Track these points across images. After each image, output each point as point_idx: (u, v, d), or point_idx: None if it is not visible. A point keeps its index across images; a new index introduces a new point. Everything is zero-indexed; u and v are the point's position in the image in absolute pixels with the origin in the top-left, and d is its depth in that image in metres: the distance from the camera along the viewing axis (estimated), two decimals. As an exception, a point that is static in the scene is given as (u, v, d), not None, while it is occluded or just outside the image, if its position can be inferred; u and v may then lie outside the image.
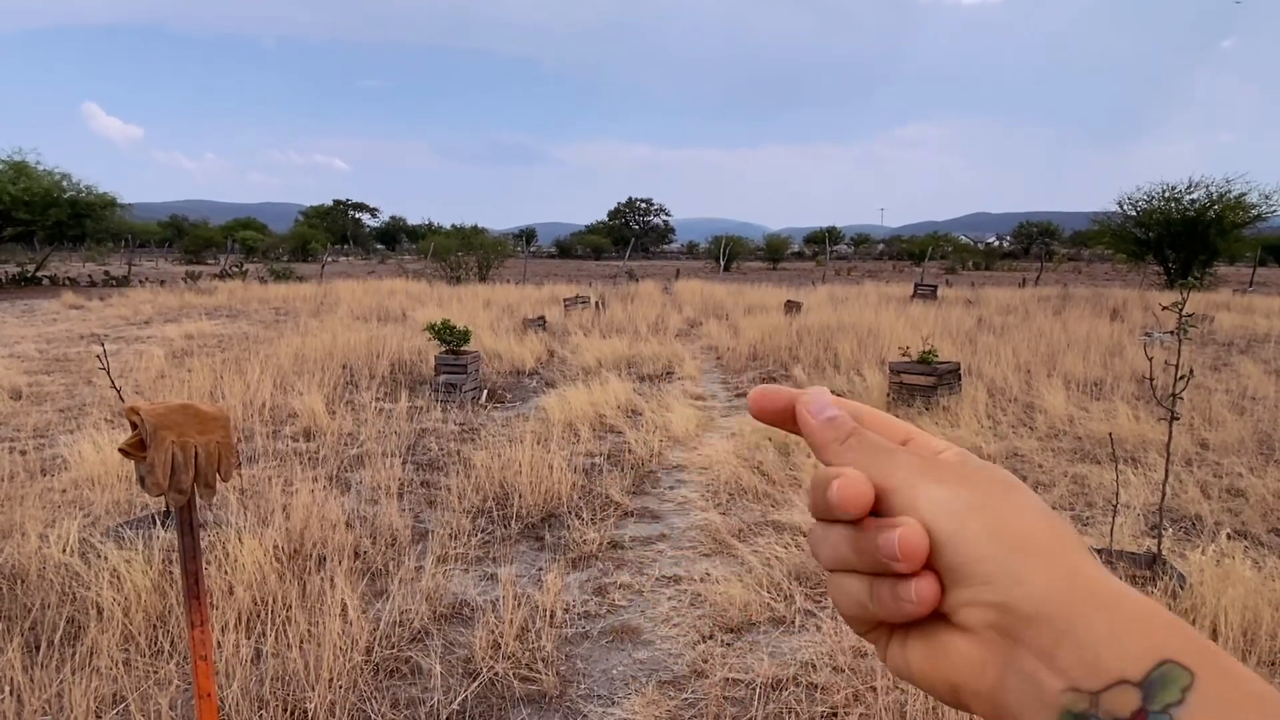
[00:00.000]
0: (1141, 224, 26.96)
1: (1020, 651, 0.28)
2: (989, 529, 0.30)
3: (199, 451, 1.19)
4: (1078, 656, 0.27)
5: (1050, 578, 0.29)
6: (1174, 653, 0.26)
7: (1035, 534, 0.30)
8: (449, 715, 2.58)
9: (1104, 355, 9.22)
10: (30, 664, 2.69)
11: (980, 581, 0.29)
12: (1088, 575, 0.29)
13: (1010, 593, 0.29)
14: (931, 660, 0.32)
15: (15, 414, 6.65)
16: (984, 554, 0.30)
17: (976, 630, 0.30)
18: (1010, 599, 0.29)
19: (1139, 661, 0.26)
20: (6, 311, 15.89)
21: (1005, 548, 0.30)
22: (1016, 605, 0.29)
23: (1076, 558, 0.30)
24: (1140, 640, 0.26)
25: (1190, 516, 4.39)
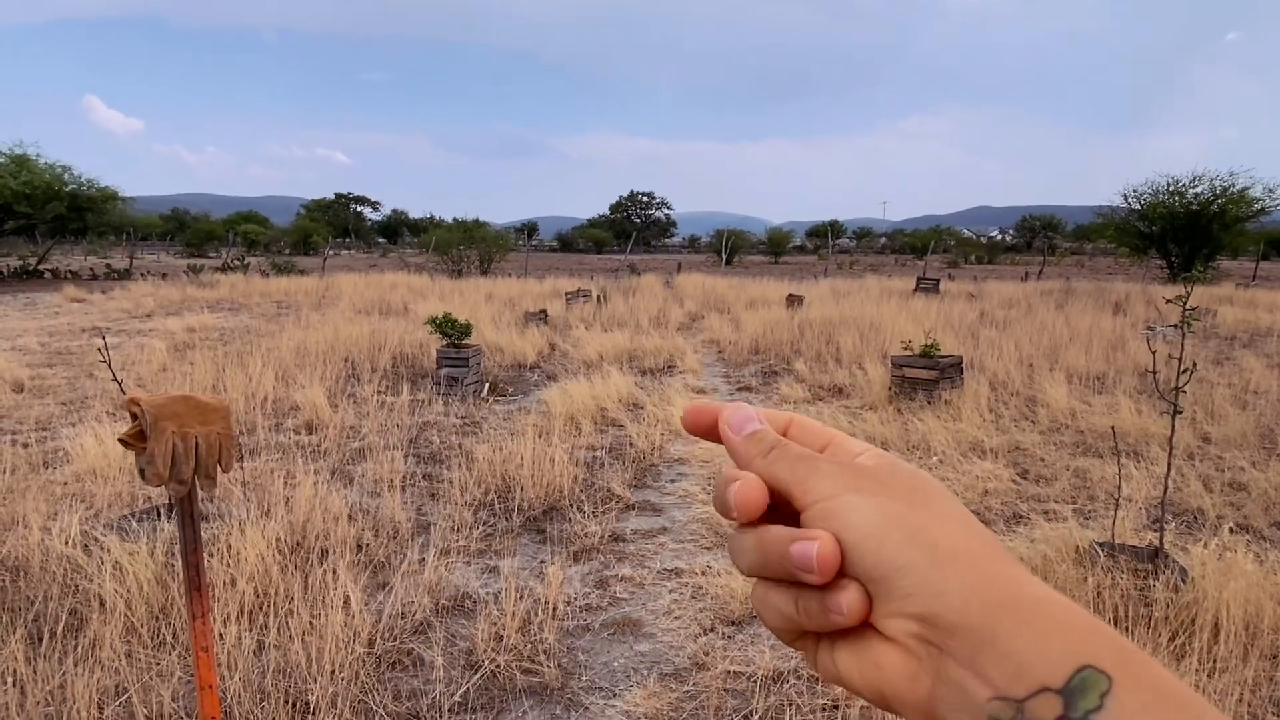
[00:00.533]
0: (1145, 218, 26.90)
1: (947, 661, 0.28)
2: (909, 538, 0.30)
3: (199, 442, 1.19)
4: (1001, 665, 0.27)
5: (971, 587, 0.29)
6: (1093, 657, 0.26)
7: (955, 542, 0.30)
8: (451, 707, 2.58)
9: (1106, 349, 9.20)
10: (33, 655, 2.70)
11: (902, 594, 0.29)
12: (1008, 582, 0.29)
13: (931, 604, 0.29)
14: (862, 670, 0.31)
15: (18, 407, 6.66)
16: (905, 565, 0.30)
17: (903, 641, 0.30)
18: (932, 610, 0.29)
19: (1059, 668, 0.26)
20: (8, 305, 15.91)
21: (926, 558, 0.29)
22: (939, 616, 0.28)
23: (997, 564, 0.30)
24: (1060, 646, 0.26)
25: (1192, 510, 4.38)
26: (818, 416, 6.45)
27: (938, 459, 5.27)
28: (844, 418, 6.35)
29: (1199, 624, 2.86)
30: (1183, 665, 2.68)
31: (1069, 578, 3.19)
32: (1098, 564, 3.21)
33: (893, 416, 6.37)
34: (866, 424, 6.08)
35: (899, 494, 0.32)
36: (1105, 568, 3.17)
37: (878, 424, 6.07)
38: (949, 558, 0.29)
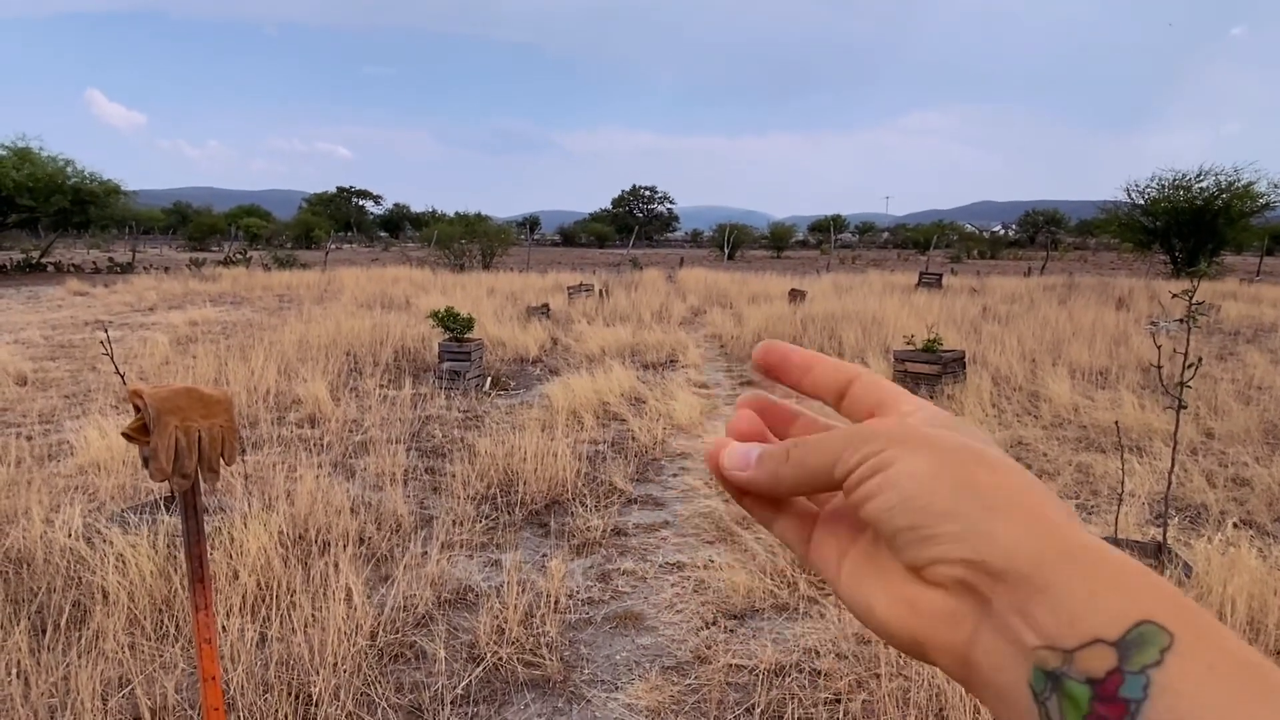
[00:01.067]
0: (1149, 213, 26.82)
1: (993, 608, 0.27)
2: (958, 485, 0.29)
3: (202, 435, 1.19)
4: (1053, 614, 0.26)
5: (1024, 534, 0.27)
6: (1153, 613, 0.25)
7: (1008, 490, 0.29)
8: (453, 700, 2.59)
9: (1109, 344, 9.18)
10: (37, 647, 2.70)
11: (950, 538, 0.28)
12: (1064, 531, 0.28)
13: (980, 548, 0.28)
14: (897, 610, 0.30)
15: (21, 400, 6.67)
16: (953, 510, 0.29)
17: (947, 585, 0.29)
18: (980, 555, 0.28)
19: (1117, 621, 0.25)
20: (11, 298, 15.92)
21: (975, 503, 0.28)
22: (987, 561, 0.27)
23: (1053, 514, 0.28)
24: (1119, 599, 0.25)
25: (1196, 505, 4.37)
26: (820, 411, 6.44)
27: (940, 454, 5.26)
28: (846, 412, 6.34)
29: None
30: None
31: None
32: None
33: (895, 411, 6.36)
34: (869, 419, 6.08)
35: (948, 447, 0.31)
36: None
37: (880, 419, 6.06)
38: (1001, 503, 0.28)
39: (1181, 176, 25.94)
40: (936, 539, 0.29)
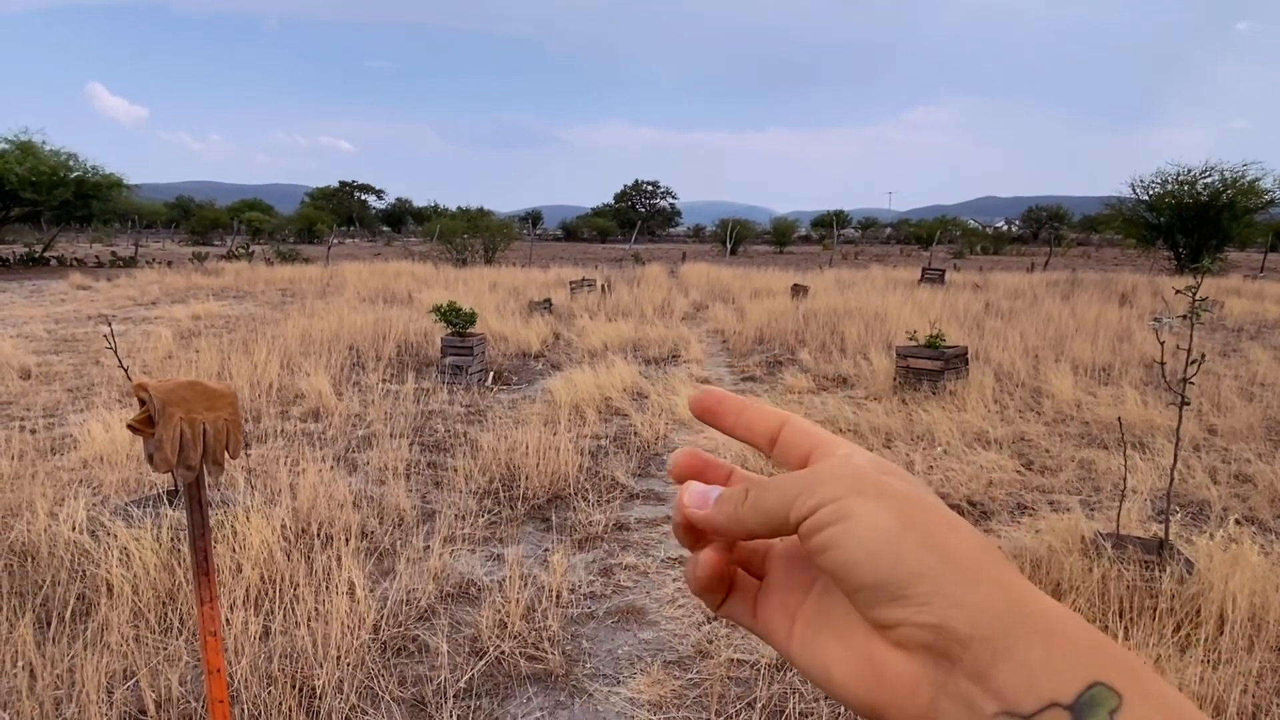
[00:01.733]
0: (1153, 208, 26.75)
1: (955, 674, 0.28)
2: (923, 544, 0.29)
3: (207, 428, 1.19)
4: (1012, 679, 0.26)
5: (986, 598, 0.28)
6: (1103, 674, 0.25)
7: (967, 551, 0.29)
8: (456, 693, 2.60)
9: (1112, 340, 9.17)
10: (42, 640, 2.72)
11: (919, 601, 0.28)
12: (1021, 595, 0.28)
13: (948, 614, 0.28)
14: (857, 672, 0.31)
15: (24, 393, 6.68)
16: (922, 571, 0.29)
17: (910, 649, 0.29)
18: (948, 621, 0.28)
19: (1070, 684, 0.25)
20: (14, 292, 15.95)
21: (942, 565, 0.29)
22: (954, 628, 0.28)
23: (1008, 576, 0.29)
24: (1072, 661, 0.26)
25: (1198, 502, 4.37)
26: (822, 407, 6.47)
27: (942, 449, 5.26)
28: (848, 408, 6.34)
29: (1204, 615, 2.86)
30: (1186, 656, 2.68)
31: (1075, 569, 3.19)
32: (1104, 555, 3.20)
33: (897, 407, 6.36)
34: (871, 414, 6.08)
35: (900, 496, 0.31)
36: (1111, 559, 3.17)
37: (882, 414, 6.06)
38: (968, 567, 0.29)
39: (1186, 172, 25.87)
40: (905, 600, 0.29)
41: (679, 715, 2.53)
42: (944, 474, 4.78)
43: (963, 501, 4.38)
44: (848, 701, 0.31)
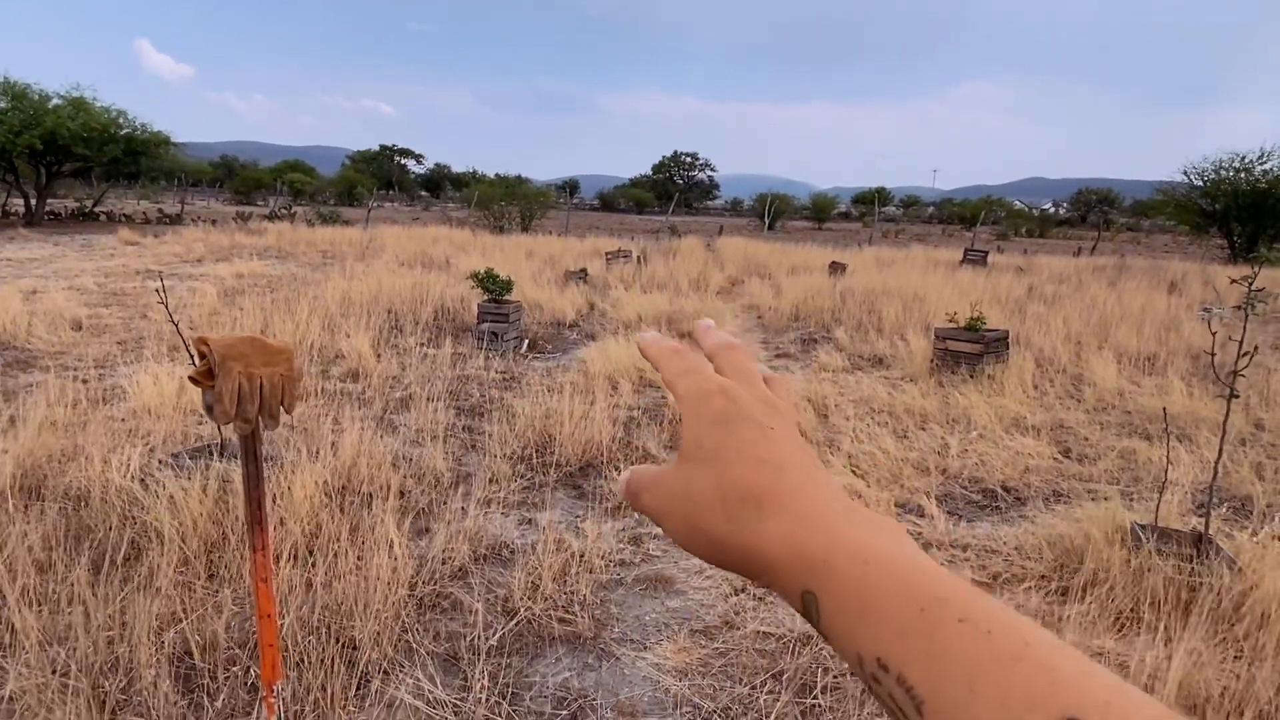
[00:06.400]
0: (1208, 195, 25.90)
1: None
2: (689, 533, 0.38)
3: (264, 383, 1.23)
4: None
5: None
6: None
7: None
8: (488, 650, 2.66)
9: (1159, 330, 8.95)
10: (95, 581, 2.83)
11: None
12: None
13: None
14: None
15: (76, 344, 6.89)
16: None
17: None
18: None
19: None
20: (66, 245, 16.37)
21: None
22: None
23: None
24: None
25: (1240, 497, 4.29)
26: (856, 386, 6.42)
27: (978, 433, 5.21)
28: (883, 388, 6.29)
29: (1243, 611, 2.82)
30: (1223, 652, 2.65)
31: (1113, 559, 3.15)
32: (1144, 546, 3.16)
33: (933, 389, 6.29)
34: (906, 395, 6.02)
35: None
36: (1151, 550, 3.13)
37: (918, 395, 6.01)
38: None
39: (1242, 158, 24.95)
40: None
41: (704, 683, 2.57)
42: (979, 458, 4.74)
43: (997, 486, 4.34)
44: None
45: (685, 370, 0.40)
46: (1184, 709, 2.38)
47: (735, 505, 0.34)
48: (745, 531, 0.34)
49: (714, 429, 0.37)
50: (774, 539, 0.33)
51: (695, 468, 0.36)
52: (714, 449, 0.36)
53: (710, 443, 0.36)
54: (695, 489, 0.36)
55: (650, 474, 0.39)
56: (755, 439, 0.36)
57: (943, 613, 0.28)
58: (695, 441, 0.37)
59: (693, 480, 0.36)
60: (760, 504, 0.34)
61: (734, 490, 0.35)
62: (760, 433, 0.36)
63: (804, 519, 0.33)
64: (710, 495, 0.35)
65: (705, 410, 0.38)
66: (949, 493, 4.27)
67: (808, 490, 0.34)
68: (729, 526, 0.34)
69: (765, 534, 0.33)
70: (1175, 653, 2.50)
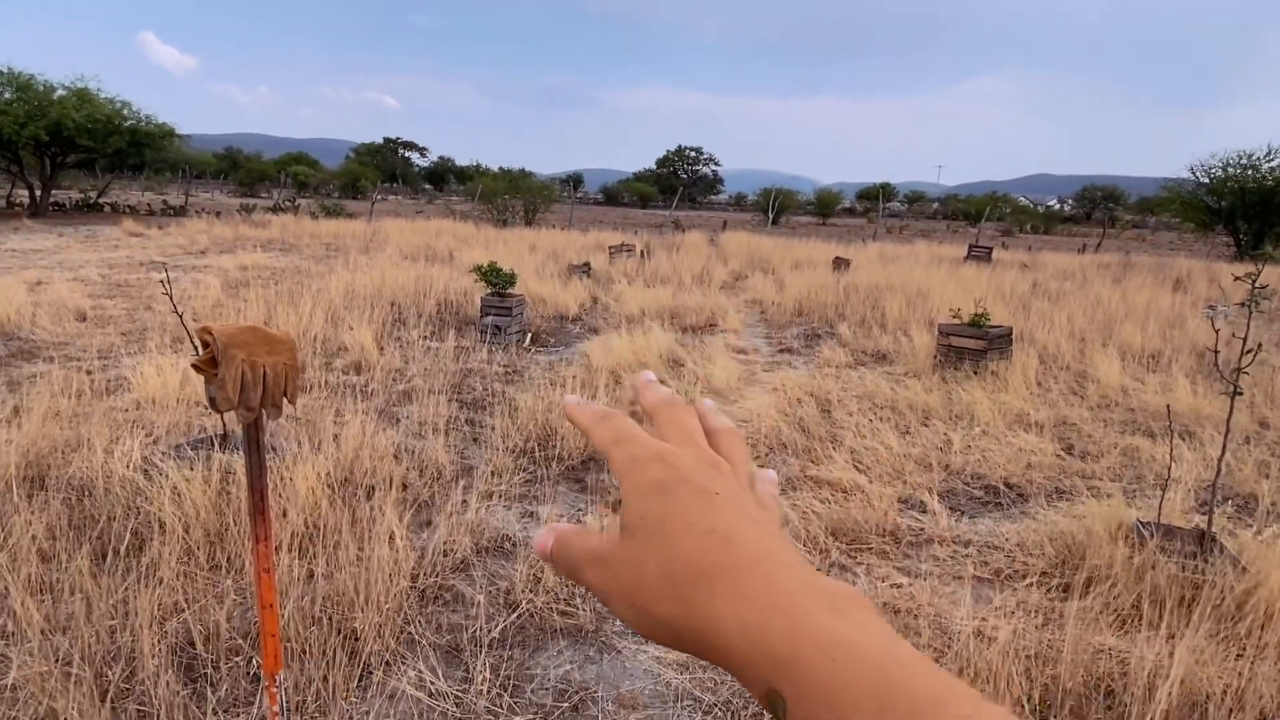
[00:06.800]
0: (1214, 192, 25.80)
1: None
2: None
3: (267, 372, 1.23)
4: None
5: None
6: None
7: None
8: (490, 642, 2.67)
9: (1164, 327, 8.92)
10: (98, 571, 2.84)
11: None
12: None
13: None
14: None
15: (80, 335, 6.91)
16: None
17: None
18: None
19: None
20: (70, 236, 16.39)
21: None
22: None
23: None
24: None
25: (1244, 495, 4.27)
26: (859, 382, 6.41)
27: (980, 429, 5.20)
28: (886, 384, 6.28)
29: (1245, 610, 2.81)
30: (1225, 649, 2.65)
31: (1115, 556, 3.15)
32: (1147, 544, 3.15)
33: (936, 385, 6.28)
34: (909, 391, 6.01)
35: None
36: (1154, 548, 3.12)
37: (921, 391, 6.00)
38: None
39: (1249, 155, 24.85)
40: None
41: (705, 676, 2.58)
42: (981, 454, 4.73)
43: (1000, 482, 4.34)
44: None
45: (617, 438, 0.38)
46: (1186, 707, 2.37)
47: (686, 585, 0.32)
48: (697, 615, 0.31)
49: (653, 499, 0.34)
50: (731, 625, 0.30)
51: (639, 544, 0.34)
52: (657, 522, 0.34)
53: (653, 515, 0.34)
54: (641, 568, 0.33)
55: (590, 544, 0.36)
56: (699, 507, 0.34)
57: (935, 715, 0.26)
58: (637, 514, 0.35)
59: (637, 558, 0.34)
60: (712, 582, 0.31)
61: (683, 568, 0.32)
62: (704, 500, 0.34)
63: (762, 601, 0.30)
64: (657, 575, 0.33)
65: (642, 479, 0.35)
66: (951, 489, 4.26)
67: (763, 564, 0.31)
68: (680, 609, 0.31)
69: (720, 619, 0.30)
70: (1177, 650, 2.49)
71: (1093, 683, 2.51)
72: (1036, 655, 2.61)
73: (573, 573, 0.37)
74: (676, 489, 0.35)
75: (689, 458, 0.36)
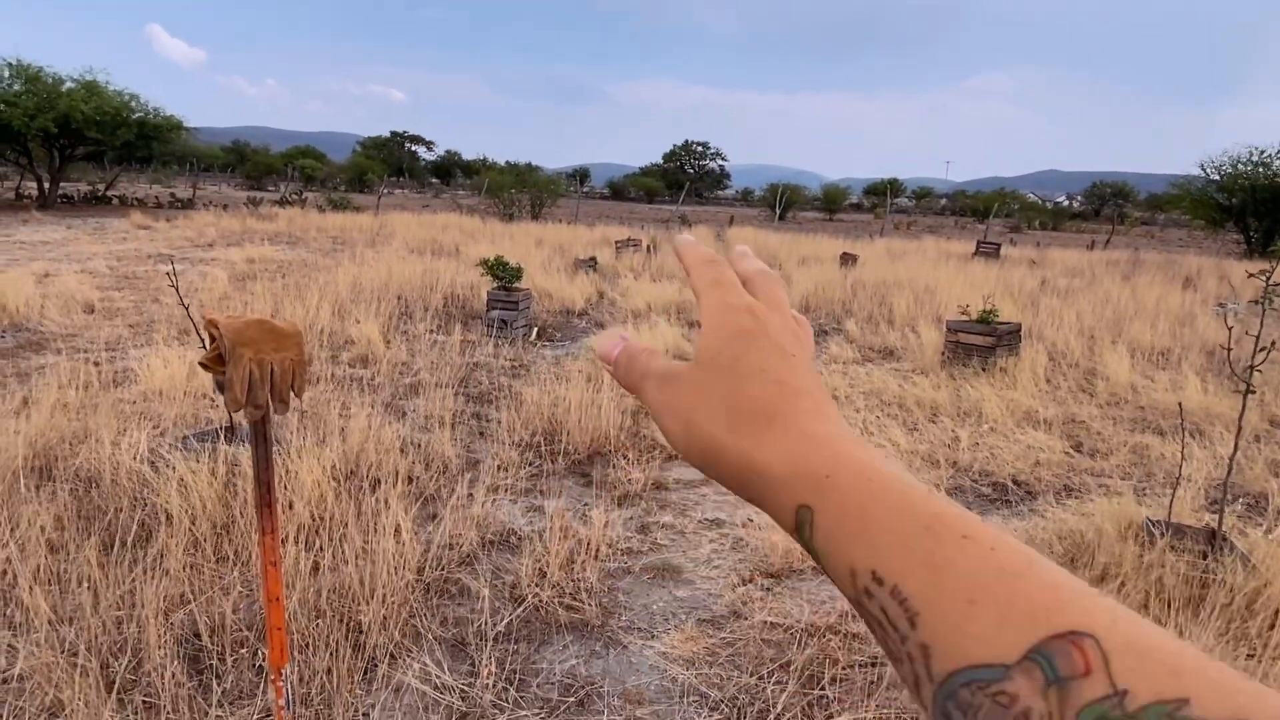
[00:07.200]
0: (1224, 189, 25.63)
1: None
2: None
3: (274, 368, 1.22)
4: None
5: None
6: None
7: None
8: (495, 636, 2.66)
9: (1173, 324, 8.87)
10: (105, 562, 2.85)
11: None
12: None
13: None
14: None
15: (88, 327, 6.93)
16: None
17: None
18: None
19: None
20: (79, 229, 16.44)
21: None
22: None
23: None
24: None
25: (1255, 494, 4.25)
26: (867, 378, 6.39)
27: (989, 426, 5.17)
28: (894, 380, 6.25)
29: (1256, 609, 2.79)
30: (1235, 649, 2.63)
31: (1125, 553, 3.13)
32: (1157, 542, 3.13)
33: (945, 381, 6.25)
34: (917, 387, 5.99)
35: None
36: (1164, 546, 3.10)
37: (929, 388, 5.97)
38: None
39: (1260, 152, 24.67)
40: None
41: (711, 672, 2.57)
42: (990, 451, 4.71)
43: (1008, 479, 4.32)
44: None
45: (717, 281, 0.40)
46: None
47: (744, 417, 0.35)
48: (746, 443, 0.34)
49: (736, 341, 0.37)
50: (776, 454, 0.33)
51: (709, 374, 0.36)
52: (732, 360, 0.36)
53: (730, 354, 0.36)
54: (705, 394, 0.36)
55: (657, 363, 0.39)
56: (776, 362, 0.36)
57: (945, 529, 0.28)
58: (715, 349, 0.37)
59: (704, 385, 0.36)
60: (770, 420, 0.34)
61: (746, 403, 0.35)
62: (782, 357, 0.37)
63: (811, 438, 0.33)
64: (719, 403, 0.35)
65: (730, 323, 0.38)
66: (959, 486, 4.24)
67: (819, 414, 0.35)
68: (731, 436, 0.34)
69: (768, 448, 0.33)
70: (1187, 650, 2.47)
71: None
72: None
73: (633, 385, 0.40)
74: (759, 339, 0.37)
75: (777, 321, 0.39)
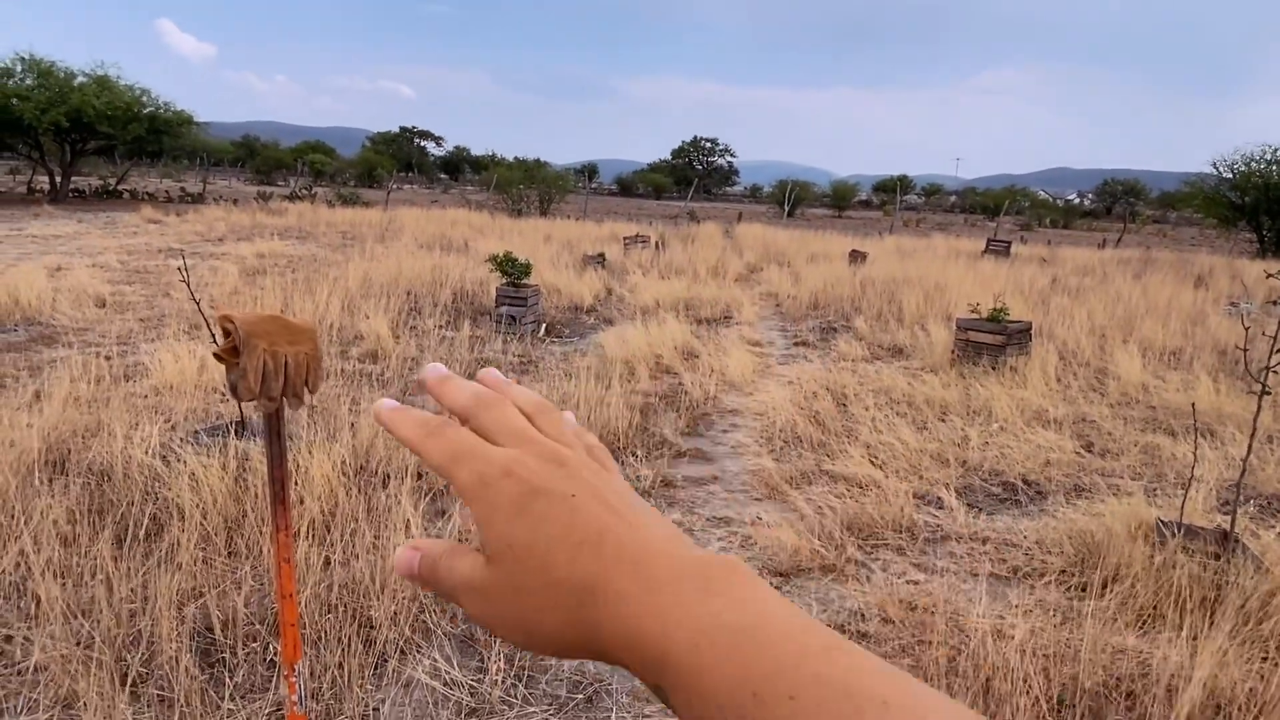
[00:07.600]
0: (1237, 187, 25.43)
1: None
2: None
3: (289, 361, 1.22)
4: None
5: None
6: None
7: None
8: (504, 633, 2.67)
9: (1185, 324, 8.81)
10: (118, 555, 2.86)
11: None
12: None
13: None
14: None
15: (100, 321, 6.97)
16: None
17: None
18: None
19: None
20: (90, 223, 16.53)
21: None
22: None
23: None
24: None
25: (1268, 495, 4.22)
26: (876, 376, 6.37)
27: (999, 425, 5.15)
28: (903, 379, 6.23)
29: (1269, 611, 2.77)
30: (1248, 652, 2.61)
31: (1135, 555, 3.11)
32: (1168, 543, 3.12)
33: (954, 380, 6.23)
34: (927, 386, 5.97)
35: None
36: (1176, 547, 3.08)
37: (938, 387, 5.95)
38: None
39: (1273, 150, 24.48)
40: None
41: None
42: (1000, 450, 4.69)
43: (1018, 479, 4.30)
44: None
45: (455, 454, 0.35)
46: (1210, 709, 2.34)
47: (571, 602, 0.32)
48: (585, 626, 0.31)
49: (515, 522, 0.33)
50: (612, 634, 0.31)
51: (513, 570, 0.33)
52: (525, 546, 0.33)
53: (519, 540, 0.33)
54: (521, 597, 0.33)
55: (462, 571, 0.35)
56: (563, 517, 0.33)
57: (773, 692, 0.27)
58: (504, 541, 0.33)
59: (515, 584, 0.33)
60: (592, 594, 0.31)
61: (565, 587, 0.32)
62: (564, 508, 0.33)
63: (635, 605, 0.30)
64: (540, 596, 0.32)
65: (498, 500, 0.34)
66: (969, 485, 4.23)
67: (632, 560, 0.32)
68: (568, 624, 0.32)
69: (603, 627, 0.31)
70: (1201, 651, 2.46)
71: (1112, 683, 2.49)
72: (1055, 654, 2.59)
73: (450, 598, 0.35)
74: (534, 504, 0.33)
75: (533, 462, 0.35)
